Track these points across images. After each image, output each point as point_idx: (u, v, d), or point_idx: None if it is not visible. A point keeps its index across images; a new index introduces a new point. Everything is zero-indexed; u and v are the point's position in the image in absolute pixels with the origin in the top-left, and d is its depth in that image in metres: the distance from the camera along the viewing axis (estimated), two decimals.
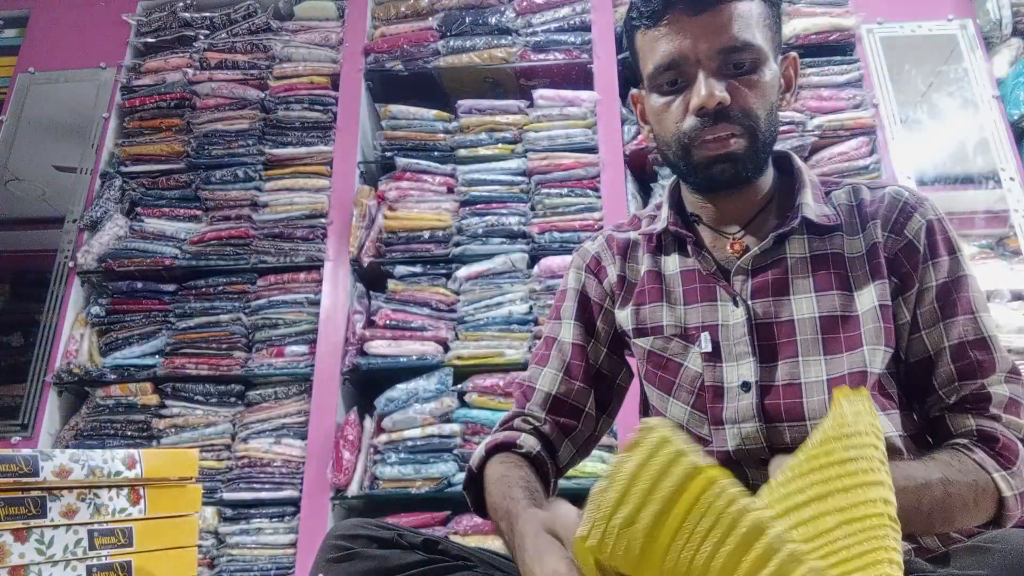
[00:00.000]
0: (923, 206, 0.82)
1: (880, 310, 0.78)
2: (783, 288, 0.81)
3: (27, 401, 2.19)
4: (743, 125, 0.77)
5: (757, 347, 0.79)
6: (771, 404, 0.78)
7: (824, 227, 0.82)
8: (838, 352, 0.77)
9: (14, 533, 0.78)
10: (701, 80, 0.76)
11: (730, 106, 0.76)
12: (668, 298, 0.87)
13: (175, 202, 2.40)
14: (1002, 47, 2.28)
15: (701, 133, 0.78)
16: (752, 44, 0.77)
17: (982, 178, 2.22)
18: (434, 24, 2.44)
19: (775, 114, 0.81)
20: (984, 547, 0.57)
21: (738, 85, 0.77)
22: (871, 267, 0.79)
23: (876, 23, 2.34)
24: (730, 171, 0.79)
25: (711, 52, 0.76)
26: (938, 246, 0.80)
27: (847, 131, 2.21)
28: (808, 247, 0.82)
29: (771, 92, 0.79)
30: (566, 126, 2.29)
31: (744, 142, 0.78)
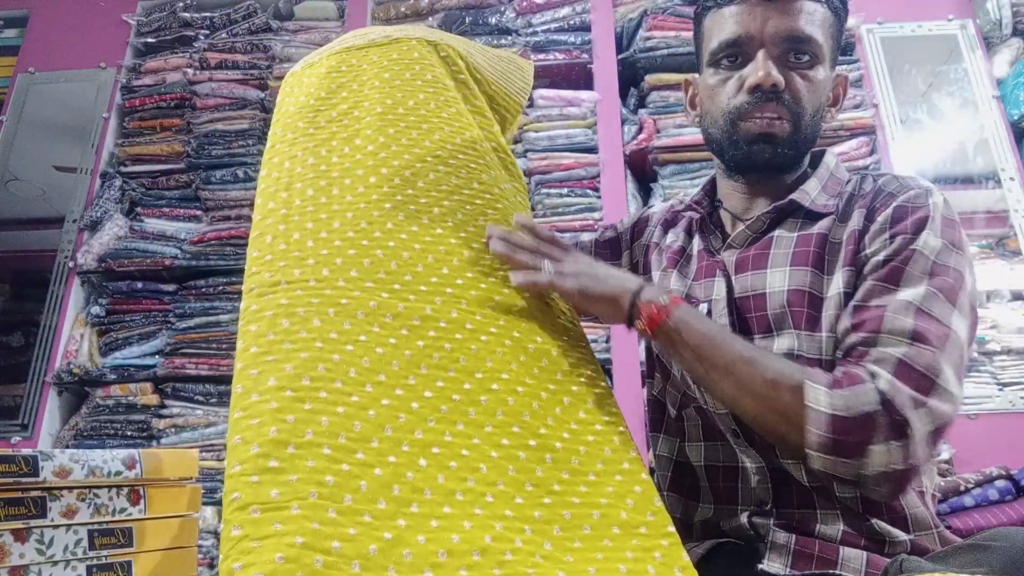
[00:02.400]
0: (905, 193, 0.79)
1: (843, 297, 0.77)
2: (762, 262, 0.83)
3: (27, 401, 2.19)
4: (791, 111, 0.81)
5: (735, 320, 0.83)
6: None
7: (818, 213, 0.83)
8: (801, 329, 0.78)
9: (14, 533, 0.78)
10: (760, 59, 0.80)
11: (783, 91, 0.80)
12: (683, 269, 0.92)
13: (175, 202, 2.40)
14: (1002, 47, 2.28)
15: (751, 109, 0.81)
16: (814, 39, 0.81)
17: (982, 178, 2.22)
18: (434, 24, 2.44)
19: (820, 116, 0.84)
20: (983, 545, 0.57)
21: (794, 75, 0.81)
22: (845, 253, 0.79)
23: (876, 23, 2.34)
24: (769, 151, 0.82)
25: (776, 36, 0.80)
26: (899, 223, 0.76)
27: (847, 131, 2.21)
28: (799, 228, 0.84)
29: (822, 92, 0.83)
30: (566, 126, 2.29)
31: (788, 127, 0.81)
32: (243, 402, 0.53)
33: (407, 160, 0.71)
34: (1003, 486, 1.61)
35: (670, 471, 0.89)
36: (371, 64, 0.81)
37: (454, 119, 0.77)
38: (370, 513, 0.49)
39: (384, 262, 0.64)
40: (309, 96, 0.78)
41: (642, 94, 2.32)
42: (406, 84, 0.78)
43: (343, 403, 0.54)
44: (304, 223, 0.65)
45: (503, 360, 0.63)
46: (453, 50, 0.85)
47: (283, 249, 0.63)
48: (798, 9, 0.80)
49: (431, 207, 0.69)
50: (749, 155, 0.83)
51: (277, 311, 0.59)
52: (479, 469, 0.55)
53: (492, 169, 0.77)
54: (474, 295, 0.66)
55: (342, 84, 0.78)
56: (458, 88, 0.82)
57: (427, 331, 0.61)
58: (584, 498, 0.57)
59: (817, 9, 0.81)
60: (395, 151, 0.72)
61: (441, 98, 0.78)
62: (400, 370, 0.58)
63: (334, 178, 0.69)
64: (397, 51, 0.82)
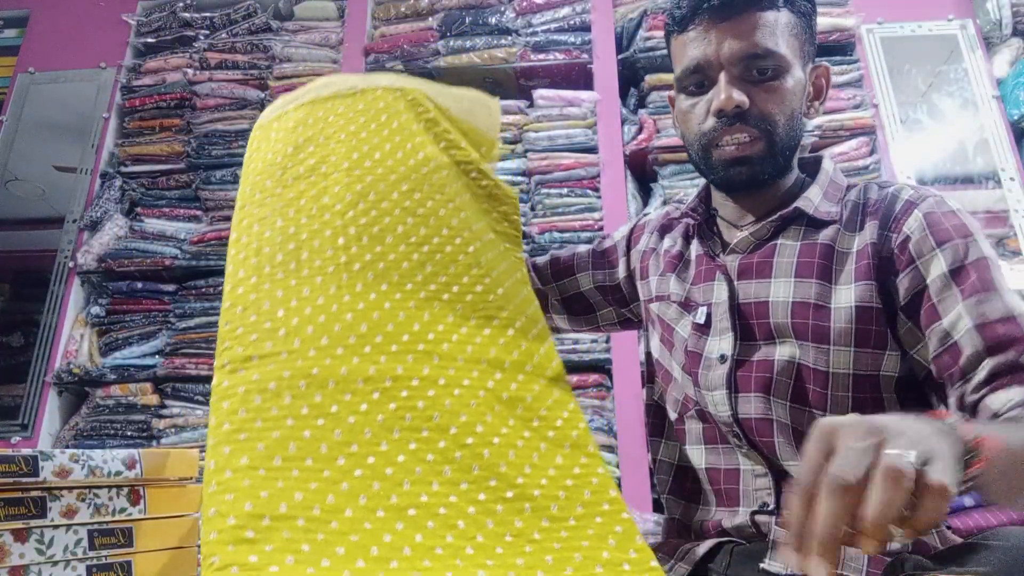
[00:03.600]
0: (924, 201, 0.79)
1: (856, 312, 0.76)
2: (766, 270, 0.83)
3: (27, 401, 2.19)
4: (760, 129, 0.81)
5: (738, 324, 0.83)
6: (742, 376, 0.81)
7: (822, 221, 0.83)
8: (806, 340, 0.78)
9: (14, 533, 0.78)
10: (722, 83, 0.80)
11: (749, 110, 0.80)
12: (681, 273, 0.93)
13: (175, 202, 2.40)
14: (1002, 47, 2.28)
15: (720, 134, 0.82)
16: (774, 52, 0.80)
17: (982, 178, 2.22)
18: (434, 24, 2.44)
19: (797, 120, 0.84)
20: (985, 544, 0.57)
21: (759, 90, 0.81)
22: (858, 267, 0.79)
23: (876, 23, 2.34)
24: (747, 173, 0.82)
25: (733, 57, 0.80)
26: (935, 238, 0.76)
27: (847, 131, 2.21)
28: (802, 236, 0.84)
29: (792, 99, 0.82)
30: (566, 126, 2.29)
31: (761, 145, 0.81)
32: (217, 477, 0.55)
33: (375, 216, 0.71)
34: None
35: (671, 476, 0.89)
36: (337, 116, 0.81)
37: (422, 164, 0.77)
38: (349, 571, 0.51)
39: (354, 326, 0.64)
40: (276, 152, 0.78)
41: (642, 94, 2.32)
42: (372, 135, 0.78)
43: (315, 479, 0.56)
44: (274, 291, 0.66)
45: (478, 412, 0.63)
46: (419, 92, 0.85)
47: (254, 321, 0.64)
48: (753, 24, 0.80)
49: (400, 262, 0.69)
50: (728, 178, 0.84)
51: (249, 387, 0.60)
52: (457, 526, 0.56)
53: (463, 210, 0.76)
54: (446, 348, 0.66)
55: (308, 138, 0.78)
56: (427, 128, 0.82)
57: (399, 392, 0.62)
58: (565, 543, 0.58)
59: (776, 17, 0.81)
60: (363, 208, 0.72)
61: (408, 145, 0.79)
62: (372, 438, 0.59)
63: (303, 240, 0.69)
64: (363, 102, 0.82)
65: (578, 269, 1.07)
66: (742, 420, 0.81)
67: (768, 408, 0.79)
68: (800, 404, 0.78)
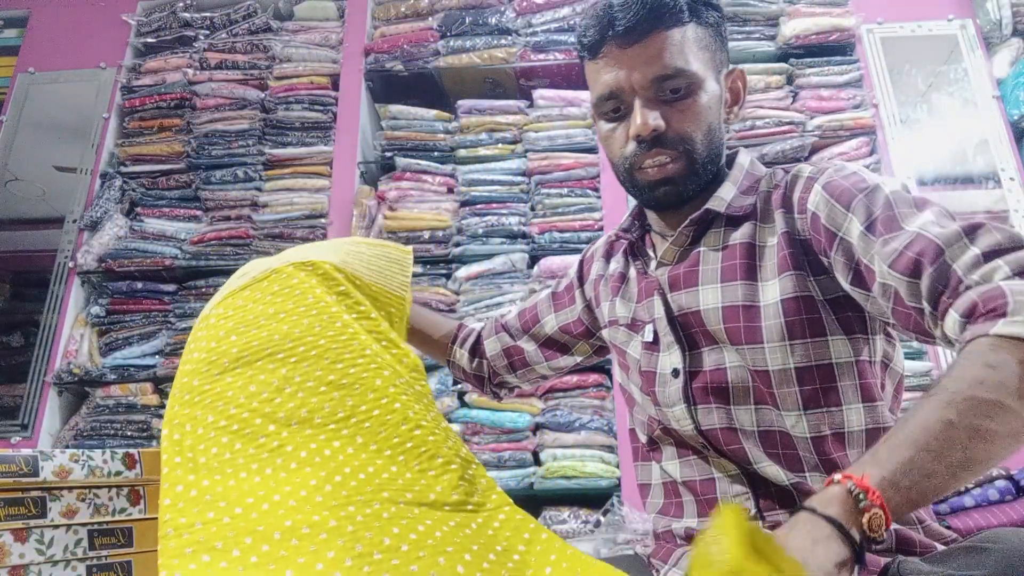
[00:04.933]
0: (823, 174, 0.78)
1: (783, 305, 0.76)
2: (692, 279, 0.84)
3: (27, 401, 2.19)
4: (678, 149, 0.81)
5: (682, 337, 0.83)
6: (698, 388, 0.81)
7: (738, 217, 0.83)
8: (741, 343, 0.78)
9: (14, 533, 0.78)
10: (637, 109, 0.80)
11: (666, 132, 0.80)
12: (625, 295, 0.94)
13: (175, 202, 2.40)
14: (1002, 47, 2.28)
15: (640, 158, 0.82)
16: (684, 70, 0.80)
17: (982, 178, 2.22)
18: (434, 24, 2.44)
19: (717, 132, 0.84)
20: (981, 547, 0.57)
21: (673, 111, 0.80)
22: (779, 259, 0.78)
23: (876, 23, 2.34)
24: (672, 193, 0.83)
25: (645, 81, 0.80)
26: (842, 204, 0.74)
27: (847, 131, 2.21)
28: (722, 238, 0.84)
29: (708, 113, 0.82)
30: (566, 126, 2.29)
31: (682, 164, 0.81)
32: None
33: (302, 399, 0.72)
34: (1003, 486, 1.61)
35: (655, 496, 0.89)
36: (255, 302, 0.82)
37: (340, 334, 0.78)
38: None
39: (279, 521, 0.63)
40: (201, 350, 0.79)
41: None
42: (290, 315, 0.79)
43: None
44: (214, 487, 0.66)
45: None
46: (330, 265, 0.86)
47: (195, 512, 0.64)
48: (659, 46, 0.79)
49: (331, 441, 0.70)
50: (654, 199, 0.85)
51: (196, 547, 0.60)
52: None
53: (384, 369, 0.78)
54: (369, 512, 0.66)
55: (229, 330, 0.80)
56: (340, 300, 0.83)
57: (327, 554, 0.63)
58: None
59: (682, 33, 0.80)
60: (289, 392, 0.72)
61: (325, 317, 0.79)
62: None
63: (234, 432, 0.69)
64: (277, 283, 0.84)
65: (542, 315, 1.09)
66: (706, 432, 0.80)
67: (730, 416, 0.79)
68: (761, 405, 0.78)
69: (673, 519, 0.85)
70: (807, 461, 0.76)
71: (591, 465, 1.94)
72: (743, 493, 0.79)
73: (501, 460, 1.97)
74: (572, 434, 1.97)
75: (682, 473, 0.84)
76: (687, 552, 0.80)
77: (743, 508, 0.77)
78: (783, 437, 0.76)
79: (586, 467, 1.93)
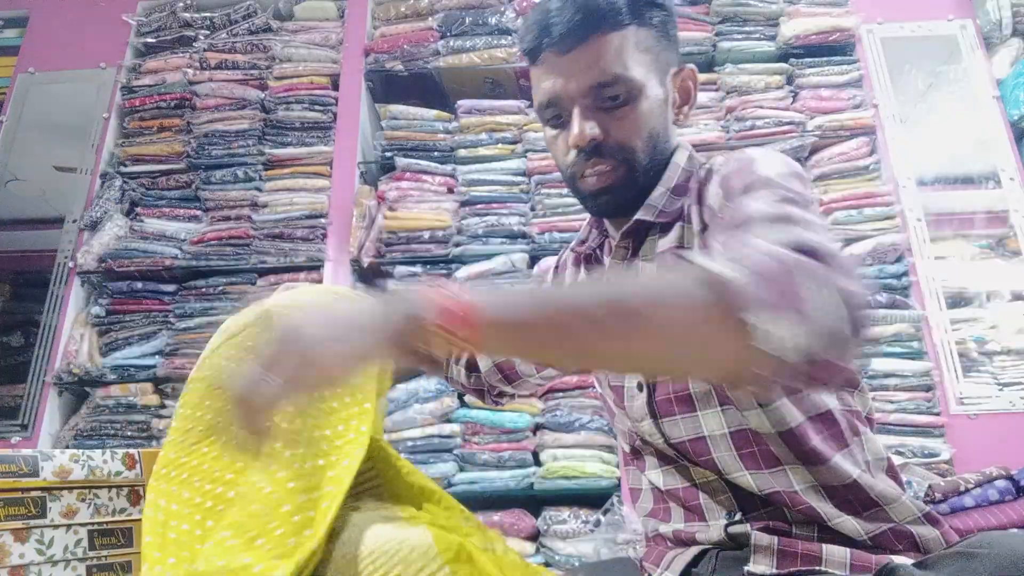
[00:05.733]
0: (727, 164, 0.77)
1: None
2: None
3: (27, 401, 2.19)
4: (617, 158, 0.79)
5: None
6: (661, 400, 0.80)
7: (668, 223, 0.82)
8: None
9: (14, 533, 0.78)
10: (575, 119, 0.78)
11: (605, 140, 0.78)
12: None
13: (175, 202, 2.40)
14: (1002, 47, 2.28)
15: (581, 168, 0.80)
16: (623, 76, 0.77)
17: (982, 178, 2.22)
18: (434, 24, 2.44)
19: (662, 137, 0.81)
20: (971, 552, 0.57)
21: (612, 119, 0.78)
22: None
23: (876, 23, 2.34)
24: (612, 202, 0.82)
25: (582, 90, 0.77)
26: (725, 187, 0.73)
27: (847, 131, 2.21)
28: (656, 247, 0.82)
29: (650, 119, 0.80)
30: None
31: (622, 173, 0.80)
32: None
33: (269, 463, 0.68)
34: (1003, 486, 1.61)
35: (643, 501, 0.89)
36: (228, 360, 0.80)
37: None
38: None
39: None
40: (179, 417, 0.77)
41: None
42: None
43: None
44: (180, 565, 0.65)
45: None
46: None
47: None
48: (599, 50, 0.76)
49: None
50: (596, 207, 0.84)
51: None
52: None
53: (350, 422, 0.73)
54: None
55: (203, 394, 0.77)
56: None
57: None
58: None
59: (623, 36, 0.77)
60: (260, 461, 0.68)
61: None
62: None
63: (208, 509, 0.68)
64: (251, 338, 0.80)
65: None
66: (676, 444, 0.79)
67: (697, 426, 0.78)
68: (726, 406, 0.76)
69: (661, 522, 0.85)
70: (782, 456, 0.74)
71: (591, 465, 1.94)
72: (724, 497, 0.78)
73: (501, 460, 1.97)
74: (572, 434, 1.97)
75: (664, 482, 0.83)
76: (678, 555, 0.80)
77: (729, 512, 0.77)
78: (754, 435, 0.75)
79: (586, 467, 1.93)
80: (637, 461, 0.88)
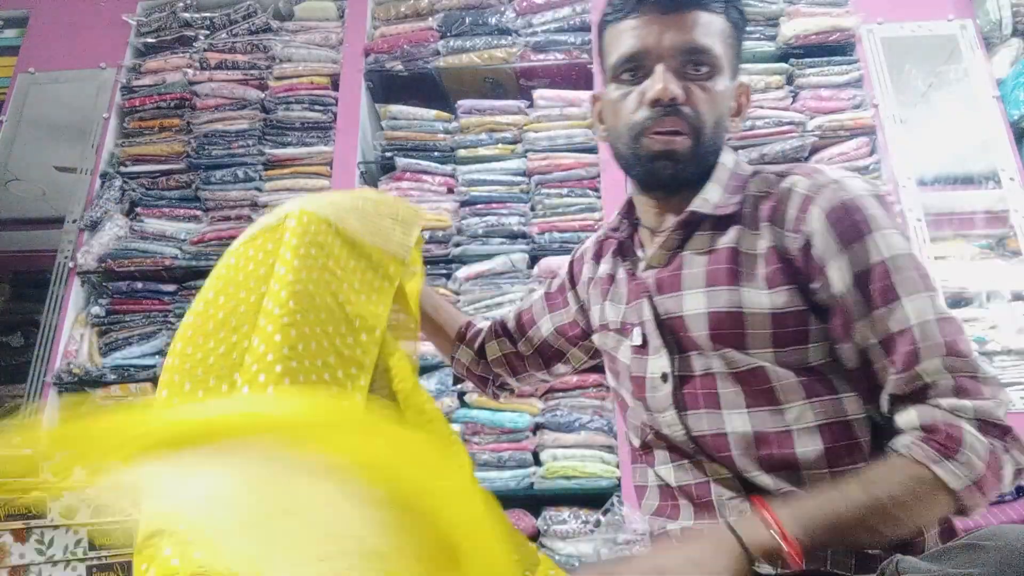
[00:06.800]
0: (820, 195, 0.77)
1: (773, 317, 0.76)
2: (676, 284, 0.83)
3: (27, 401, 2.19)
4: (691, 124, 0.80)
5: (669, 339, 0.83)
6: (688, 393, 0.81)
7: (723, 219, 0.82)
8: (727, 347, 0.78)
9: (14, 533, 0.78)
10: (659, 72, 0.79)
11: (683, 104, 0.79)
12: (615, 297, 0.92)
13: (175, 202, 2.40)
14: (1002, 47, 2.28)
15: (652, 124, 0.80)
16: (712, 50, 0.80)
17: (982, 178, 2.22)
18: (434, 24, 2.44)
19: (722, 127, 0.83)
20: (978, 544, 0.57)
21: (693, 87, 0.80)
22: (768, 272, 0.77)
23: (876, 23, 2.34)
24: (670, 168, 0.81)
25: (673, 49, 0.79)
26: (838, 240, 0.74)
27: (847, 131, 2.20)
28: (708, 242, 0.83)
29: (722, 103, 0.82)
30: (566, 126, 2.29)
31: (689, 142, 0.80)
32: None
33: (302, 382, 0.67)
34: None
35: (651, 499, 0.89)
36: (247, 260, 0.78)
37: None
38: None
39: None
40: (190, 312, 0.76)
41: None
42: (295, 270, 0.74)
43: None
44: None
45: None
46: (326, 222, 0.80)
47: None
48: (695, 21, 0.80)
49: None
50: (652, 171, 0.83)
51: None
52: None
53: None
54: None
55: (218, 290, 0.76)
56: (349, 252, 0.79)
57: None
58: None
59: (714, 20, 0.81)
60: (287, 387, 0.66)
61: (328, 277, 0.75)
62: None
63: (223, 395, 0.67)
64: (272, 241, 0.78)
65: (538, 316, 1.08)
66: (696, 438, 0.80)
67: (720, 422, 0.78)
68: (754, 408, 0.77)
69: (669, 520, 0.85)
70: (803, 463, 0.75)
71: (591, 465, 1.94)
72: (736, 497, 0.78)
73: (501, 460, 1.97)
74: (572, 434, 1.97)
75: (676, 477, 0.83)
76: None
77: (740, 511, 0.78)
78: (778, 437, 0.76)
79: (586, 467, 1.93)
80: (647, 456, 0.88)
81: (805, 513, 0.66)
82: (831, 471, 0.74)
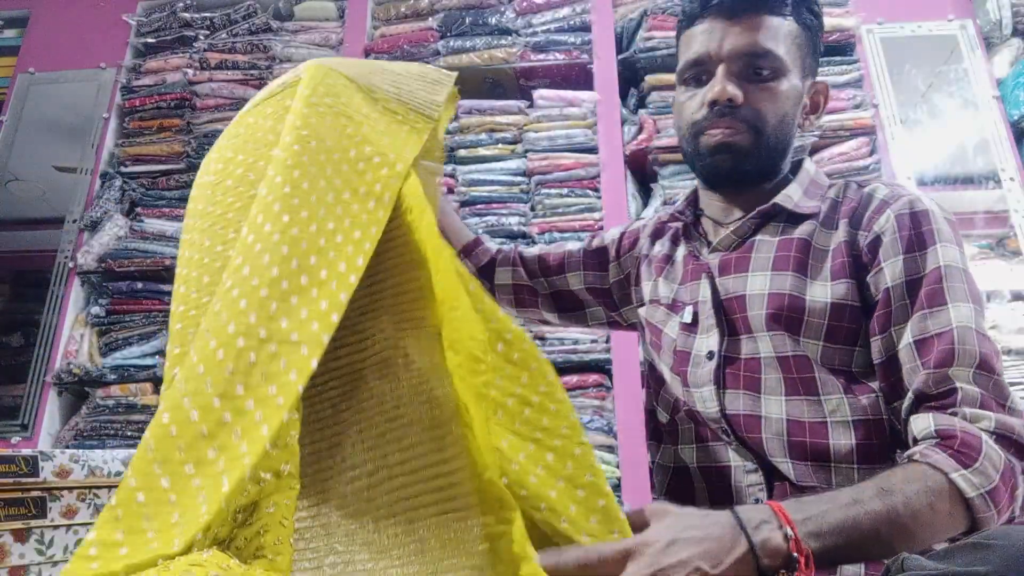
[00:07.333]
0: (897, 201, 0.80)
1: (831, 309, 0.79)
2: (744, 265, 0.86)
3: (27, 401, 2.19)
4: (749, 124, 0.83)
5: (724, 321, 0.85)
6: (730, 374, 0.83)
7: (801, 216, 0.86)
8: (779, 329, 0.81)
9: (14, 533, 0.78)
10: (719, 75, 0.84)
11: (741, 106, 0.83)
12: (669, 276, 0.96)
13: (175, 202, 2.40)
14: (1002, 47, 2.28)
15: (709, 123, 0.85)
16: (773, 53, 0.83)
17: (982, 178, 2.22)
18: (434, 24, 2.44)
19: (789, 125, 0.86)
20: (984, 543, 0.57)
21: (754, 88, 0.84)
22: (835, 265, 0.81)
23: (876, 23, 2.34)
24: (729, 161, 0.85)
25: (734, 53, 0.83)
26: (902, 243, 0.78)
27: (847, 131, 2.20)
28: (780, 232, 0.86)
29: (786, 102, 0.85)
30: (566, 126, 2.29)
31: (748, 138, 0.84)
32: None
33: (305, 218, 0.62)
34: None
35: (667, 478, 0.90)
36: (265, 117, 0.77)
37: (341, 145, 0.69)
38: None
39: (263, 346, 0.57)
40: (209, 172, 0.75)
41: (642, 94, 2.32)
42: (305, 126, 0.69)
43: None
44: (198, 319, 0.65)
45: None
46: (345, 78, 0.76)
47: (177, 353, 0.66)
48: (759, 25, 0.83)
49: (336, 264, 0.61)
50: (712, 165, 0.87)
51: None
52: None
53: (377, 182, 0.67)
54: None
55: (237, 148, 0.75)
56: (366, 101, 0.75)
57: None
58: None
59: (781, 23, 0.84)
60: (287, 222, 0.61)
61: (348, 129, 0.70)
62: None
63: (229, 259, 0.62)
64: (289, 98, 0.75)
65: (568, 268, 1.09)
66: (730, 416, 0.82)
67: (757, 405, 0.80)
68: (792, 396, 0.79)
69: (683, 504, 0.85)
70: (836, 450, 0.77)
71: None
72: (757, 484, 0.79)
73: None
74: None
75: (698, 459, 0.85)
76: None
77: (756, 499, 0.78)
78: (813, 427, 0.77)
79: None
80: (670, 435, 0.90)
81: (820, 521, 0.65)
82: (858, 467, 0.76)
